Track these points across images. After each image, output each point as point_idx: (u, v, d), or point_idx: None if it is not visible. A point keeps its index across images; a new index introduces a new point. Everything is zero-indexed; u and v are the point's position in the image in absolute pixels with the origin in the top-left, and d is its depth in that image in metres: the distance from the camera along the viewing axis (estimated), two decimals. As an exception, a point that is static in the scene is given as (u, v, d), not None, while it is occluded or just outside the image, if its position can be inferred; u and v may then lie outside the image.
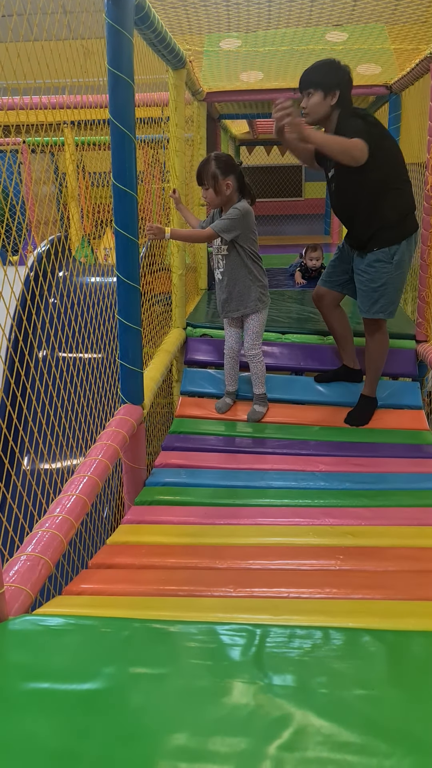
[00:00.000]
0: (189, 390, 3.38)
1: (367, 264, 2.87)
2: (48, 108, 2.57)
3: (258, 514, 2.16)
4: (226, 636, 1.17)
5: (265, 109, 5.81)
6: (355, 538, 1.94)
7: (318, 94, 2.69)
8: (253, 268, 2.94)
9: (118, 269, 2.27)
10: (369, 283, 2.88)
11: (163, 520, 2.14)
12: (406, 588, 1.61)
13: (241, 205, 2.82)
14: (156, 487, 2.42)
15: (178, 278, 3.68)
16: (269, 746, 0.92)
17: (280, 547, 1.91)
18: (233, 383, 3.20)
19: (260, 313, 3.02)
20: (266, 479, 2.47)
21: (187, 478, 2.49)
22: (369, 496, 2.29)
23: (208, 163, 2.80)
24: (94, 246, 5.82)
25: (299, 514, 2.14)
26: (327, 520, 2.07)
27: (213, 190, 2.80)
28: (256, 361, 3.05)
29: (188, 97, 4.05)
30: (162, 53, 2.94)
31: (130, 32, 2.07)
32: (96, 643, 1.18)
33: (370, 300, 2.89)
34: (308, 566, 1.77)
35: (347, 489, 2.38)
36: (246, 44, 3.59)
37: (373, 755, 0.91)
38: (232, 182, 2.81)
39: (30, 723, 0.97)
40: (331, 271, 3.21)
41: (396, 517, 2.11)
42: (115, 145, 2.15)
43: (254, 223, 2.93)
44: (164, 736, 0.95)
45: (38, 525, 1.58)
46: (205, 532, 2.04)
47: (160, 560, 1.82)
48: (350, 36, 3.50)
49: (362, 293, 2.93)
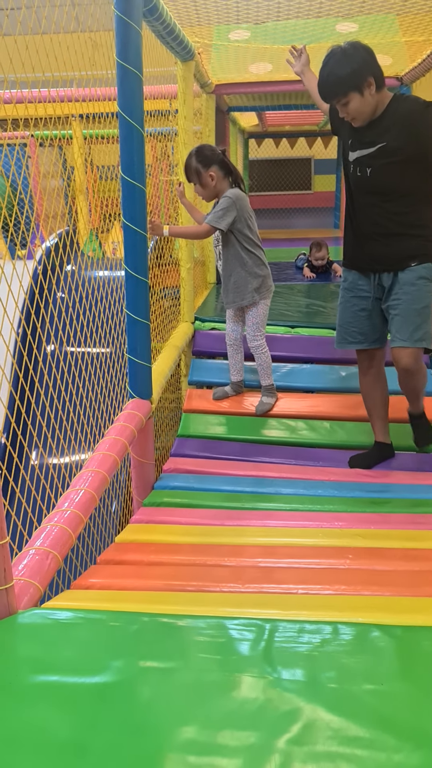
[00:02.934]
0: (196, 380, 3.40)
1: (407, 283, 2.35)
2: (56, 101, 2.56)
3: (267, 516, 2.15)
4: (235, 630, 1.17)
5: (274, 101, 5.78)
6: (364, 539, 1.93)
7: (354, 95, 2.20)
8: (248, 259, 2.90)
9: (127, 263, 2.27)
10: (410, 304, 2.35)
11: (172, 521, 2.14)
12: (416, 586, 1.60)
13: (231, 192, 2.81)
14: (165, 490, 2.42)
15: (187, 272, 3.68)
16: (278, 740, 0.92)
17: (290, 547, 1.90)
18: (237, 373, 3.19)
19: (258, 305, 2.99)
20: (275, 486, 2.44)
21: (195, 483, 2.48)
22: (379, 504, 2.26)
23: (190, 159, 2.81)
24: (102, 240, 5.81)
25: (308, 518, 2.13)
26: (336, 524, 2.06)
27: (199, 184, 2.81)
28: (260, 352, 3.04)
29: (197, 90, 4.04)
30: (171, 45, 2.93)
31: (138, 24, 2.06)
32: (105, 636, 1.18)
33: (411, 325, 2.34)
34: (317, 565, 1.77)
35: (357, 497, 2.34)
36: (255, 36, 3.57)
37: (382, 750, 0.91)
38: (216, 172, 2.80)
39: (40, 715, 0.97)
40: (351, 321, 2.55)
41: (407, 522, 2.09)
42: (124, 138, 2.14)
43: (250, 210, 2.90)
44: (173, 729, 0.95)
45: (47, 519, 1.58)
46: (214, 532, 2.04)
47: (169, 557, 1.82)
48: (360, 27, 3.47)
49: (401, 319, 2.37)
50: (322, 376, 3.34)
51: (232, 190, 2.84)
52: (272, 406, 3.06)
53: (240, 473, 2.57)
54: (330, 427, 2.94)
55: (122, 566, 1.78)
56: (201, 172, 2.77)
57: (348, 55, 2.18)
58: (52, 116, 2.32)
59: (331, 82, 2.21)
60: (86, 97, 2.73)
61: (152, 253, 3.25)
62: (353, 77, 2.17)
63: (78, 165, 6.06)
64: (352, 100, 2.20)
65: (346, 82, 2.17)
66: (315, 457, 2.72)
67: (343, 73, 2.17)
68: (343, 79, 2.18)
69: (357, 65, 2.17)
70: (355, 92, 2.19)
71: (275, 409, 3.06)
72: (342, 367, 3.36)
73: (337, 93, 2.21)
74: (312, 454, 2.74)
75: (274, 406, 3.07)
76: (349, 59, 2.17)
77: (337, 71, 2.18)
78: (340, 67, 2.18)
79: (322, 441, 2.85)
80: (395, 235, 2.35)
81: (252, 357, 3.12)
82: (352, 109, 2.23)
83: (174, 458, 2.70)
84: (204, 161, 2.78)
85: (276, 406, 3.07)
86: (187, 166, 2.81)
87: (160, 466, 2.72)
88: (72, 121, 5.90)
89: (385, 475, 2.55)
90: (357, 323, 2.52)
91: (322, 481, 2.48)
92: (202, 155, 2.79)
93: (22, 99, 2.03)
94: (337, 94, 2.22)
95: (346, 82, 2.18)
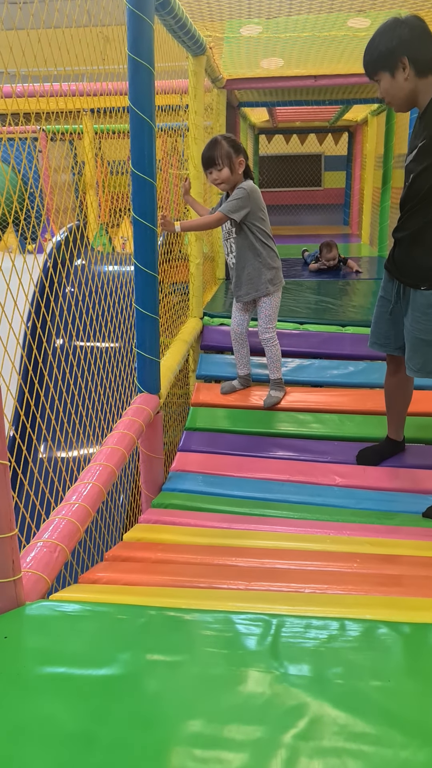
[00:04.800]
0: (204, 374, 3.41)
1: (419, 309, 2.16)
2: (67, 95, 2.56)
3: (276, 522, 2.14)
4: (242, 625, 1.17)
5: (285, 96, 5.76)
6: (372, 547, 1.91)
7: (383, 75, 2.02)
8: (262, 250, 2.92)
9: (136, 257, 2.27)
10: (421, 335, 2.17)
11: (180, 522, 2.14)
12: (426, 587, 1.60)
13: (247, 184, 2.83)
14: (173, 492, 2.42)
15: (196, 267, 3.67)
16: (285, 735, 0.92)
17: (297, 550, 1.90)
18: (244, 367, 3.20)
19: (272, 296, 2.99)
20: (283, 492, 2.42)
21: (203, 486, 2.47)
22: (388, 517, 2.23)
23: (219, 143, 2.80)
24: (112, 235, 5.82)
25: (318, 526, 2.11)
26: (345, 532, 2.05)
27: (228, 168, 2.80)
28: (271, 344, 3.03)
29: (208, 85, 4.02)
30: (182, 39, 2.92)
31: (151, 18, 2.05)
32: (112, 629, 1.19)
33: (422, 357, 2.19)
34: (324, 567, 1.76)
35: (365, 509, 2.31)
36: (267, 31, 3.55)
37: (389, 746, 0.91)
38: (244, 159, 2.83)
39: (47, 706, 0.98)
40: (378, 322, 2.40)
41: (418, 534, 2.07)
42: (135, 133, 2.14)
43: (263, 202, 2.91)
44: (180, 722, 0.95)
45: (55, 512, 1.59)
46: (222, 534, 2.03)
47: (176, 556, 1.82)
48: (373, 22, 3.45)
49: (411, 348, 2.22)
50: (330, 370, 3.34)
51: (248, 182, 2.84)
52: (280, 400, 3.06)
53: (247, 475, 2.55)
54: (338, 420, 2.93)
55: (129, 563, 1.78)
56: (233, 157, 2.79)
57: (385, 30, 2.00)
58: (63, 110, 2.32)
59: (364, 59, 2.07)
60: (97, 92, 2.73)
61: (162, 249, 3.25)
62: (382, 57, 2.00)
63: (88, 159, 6.07)
64: (382, 79, 2.04)
65: (375, 60, 2.03)
66: (323, 450, 2.72)
67: (374, 50, 2.02)
68: (373, 57, 2.03)
69: (388, 41, 1.98)
70: (385, 72, 2.01)
71: (283, 403, 3.06)
72: (351, 363, 3.35)
73: (368, 71, 2.07)
74: (320, 447, 2.74)
75: (282, 400, 3.07)
76: (383, 35, 2.00)
77: (370, 49, 2.04)
78: (372, 44, 2.03)
79: (331, 434, 2.85)
80: (420, 247, 2.13)
81: (259, 351, 3.12)
82: (382, 90, 2.06)
83: (182, 454, 2.71)
84: (235, 147, 2.81)
85: (284, 400, 3.07)
86: (215, 151, 2.79)
87: (168, 460, 2.73)
88: (83, 115, 5.90)
89: (392, 478, 2.52)
90: (383, 325, 2.37)
91: (329, 486, 2.46)
92: (231, 140, 2.82)
93: (34, 93, 2.03)
94: (368, 72, 2.07)
95: (375, 61, 2.03)
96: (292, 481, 2.51)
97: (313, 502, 2.35)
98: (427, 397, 2.99)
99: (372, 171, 7.61)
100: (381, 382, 2.66)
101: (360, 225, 8.36)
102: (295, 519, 2.20)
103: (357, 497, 2.39)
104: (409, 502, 2.34)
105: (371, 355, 3.28)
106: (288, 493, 2.41)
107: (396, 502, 2.36)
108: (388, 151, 6.28)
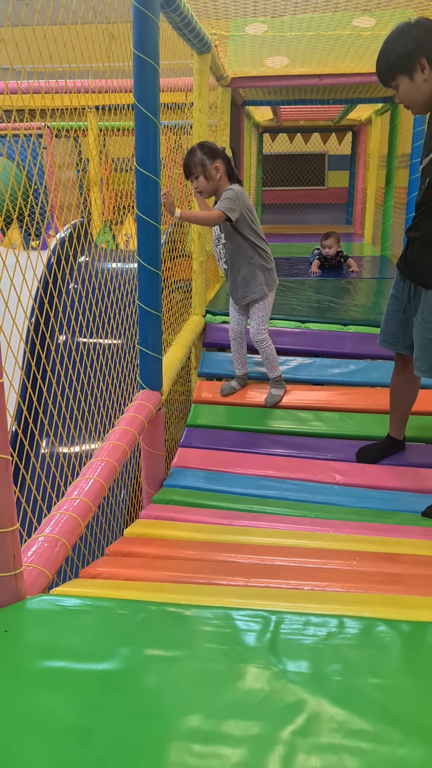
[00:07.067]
0: (206, 372, 3.41)
1: (429, 309, 2.16)
2: (72, 92, 2.56)
3: (276, 519, 2.15)
4: (242, 621, 1.18)
5: (290, 95, 5.76)
6: (372, 545, 1.92)
7: (402, 79, 1.99)
8: (254, 253, 2.92)
9: (140, 254, 2.27)
10: (430, 335, 2.18)
11: (180, 518, 2.15)
12: (424, 587, 1.60)
13: (234, 187, 2.82)
14: (174, 488, 2.43)
15: (199, 265, 3.68)
16: (283, 731, 0.93)
17: (296, 548, 1.90)
18: (241, 367, 3.21)
19: (267, 297, 3.00)
20: (283, 489, 2.43)
21: (204, 483, 2.48)
22: (388, 516, 2.24)
23: (193, 152, 2.80)
24: (115, 232, 5.82)
25: (317, 523, 2.12)
26: (344, 530, 2.06)
27: (203, 177, 2.80)
28: (264, 346, 3.04)
29: (212, 83, 4.03)
30: (187, 37, 2.92)
31: (156, 15, 2.06)
32: (112, 624, 1.19)
33: (430, 358, 2.20)
34: (323, 564, 1.76)
35: (365, 508, 2.31)
36: (272, 29, 3.55)
37: (386, 743, 0.91)
38: (221, 164, 2.80)
39: (46, 699, 0.98)
40: (388, 320, 2.41)
41: (418, 533, 2.07)
42: (139, 130, 2.14)
43: (250, 204, 2.92)
44: (178, 717, 0.96)
45: (56, 507, 1.59)
46: (222, 530, 2.04)
47: (176, 552, 1.83)
48: (378, 22, 3.44)
49: (420, 347, 2.23)
50: (331, 369, 3.34)
51: (234, 185, 2.85)
52: (281, 398, 3.07)
53: (247, 472, 2.56)
54: (339, 418, 2.94)
55: (130, 558, 1.79)
56: (207, 164, 2.78)
57: (399, 34, 1.98)
58: (67, 107, 2.32)
59: (379, 65, 2.04)
60: (102, 89, 2.73)
61: (165, 246, 3.25)
62: (400, 60, 1.97)
63: (93, 156, 6.07)
64: (401, 83, 2.01)
65: (393, 65, 1.99)
66: (323, 448, 2.73)
67: (390, 54, 2.00)
68: (389, 62, 2.00)
69: (408, 46, 1.95)
70: (403, 75, 1.99)
71: (284, 401, 3.07)
72: (352, 361, 3.35)
73: (385, 77, 2.04)
74: (320, 445, 2.75)
75: (283, 398, 3.07)
76: (399, 38, 1.98)
77: (385, 54, 2.01)
78: (387, 49, 2.00)
79: (331, 432, 2.86)
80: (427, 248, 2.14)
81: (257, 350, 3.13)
82: (401, 94, 2.03)
83: (183, 450, 2.72)
84: (209, 153, 2.79)
85: (285, 398, 3.08)
86: (191, 160, 2.79)
87: (169, 456, 2.73)
88: (87, 112, 5.90)
89: (392, 476, 2.52)
90: (393, 324, 2.37)
91: (329, 484, 2.47)
92: (206, 148, 2.81)
93: (39, 89, 2.03)
94: (385, 78, 2.04)
95: (392, 65, 2.00)
96: (292, 478, 2.52)
97: (313, 500, 2.36)
98: (428, 397, 2.99)
99: (375, 170, 7.60)
100: (382, 381, 2.67)
101: (363, 224, 8.36)
102: (295, 516, 2.20)
103: (357, 495, 2.39)
104: (409, 501, 2.34)
105: (373, 353, 3.29)
106: (288, 491, 2.42)
107: (396, 500, 2.36)
108: (392, 151, 6.27)
